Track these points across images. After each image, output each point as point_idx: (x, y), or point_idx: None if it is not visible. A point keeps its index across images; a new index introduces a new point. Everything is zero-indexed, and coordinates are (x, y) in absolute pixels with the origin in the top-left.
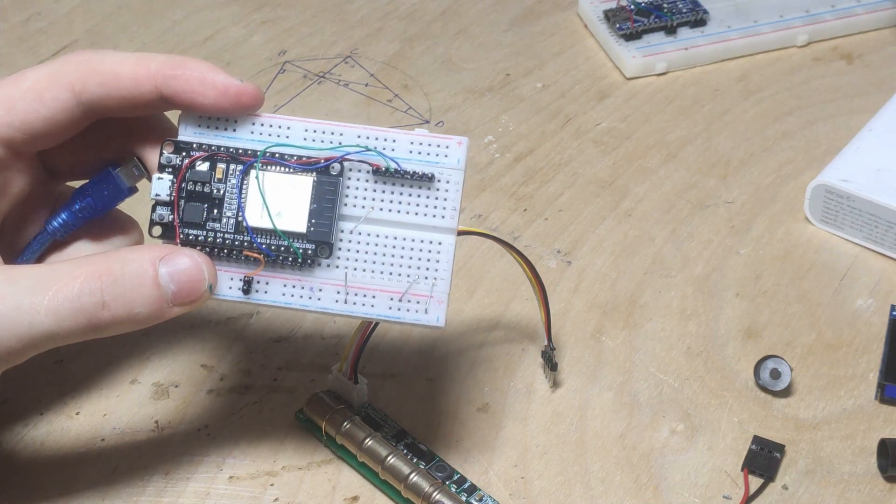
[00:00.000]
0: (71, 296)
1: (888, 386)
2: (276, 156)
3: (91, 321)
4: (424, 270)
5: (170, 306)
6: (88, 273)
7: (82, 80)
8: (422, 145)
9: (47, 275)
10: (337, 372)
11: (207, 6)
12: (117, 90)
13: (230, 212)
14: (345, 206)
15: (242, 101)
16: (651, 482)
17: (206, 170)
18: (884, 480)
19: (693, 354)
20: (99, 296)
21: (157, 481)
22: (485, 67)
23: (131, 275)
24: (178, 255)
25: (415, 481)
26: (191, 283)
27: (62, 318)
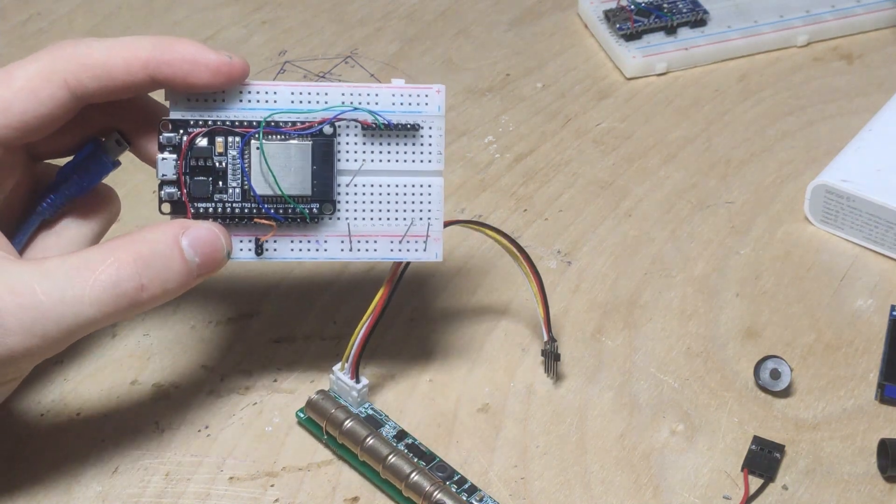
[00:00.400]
0: (111, 283)
1: (888, 386)
2: (271, 124)
3: (132, 304)
4: (419, 213)
5: (195, 276)
6: (123, 260)
7: (76, 76)
8: (403, 96)
9: (81, 265)
10: (338, 371)
11: (207, 6)
12: (111, 80)
13: (235, 182)
14: (340, 163)
15: (234, 76)
16: (651, 482)
17: (206, 145)
18: (884, 480)
19: (693, 354)
20: (137, 280)
21: (157, 482)
22: (485, 67)
23: (161, 255)
24: (196, 227)
25: (415, 481)
26: (212, 251)
27: (105, 305)
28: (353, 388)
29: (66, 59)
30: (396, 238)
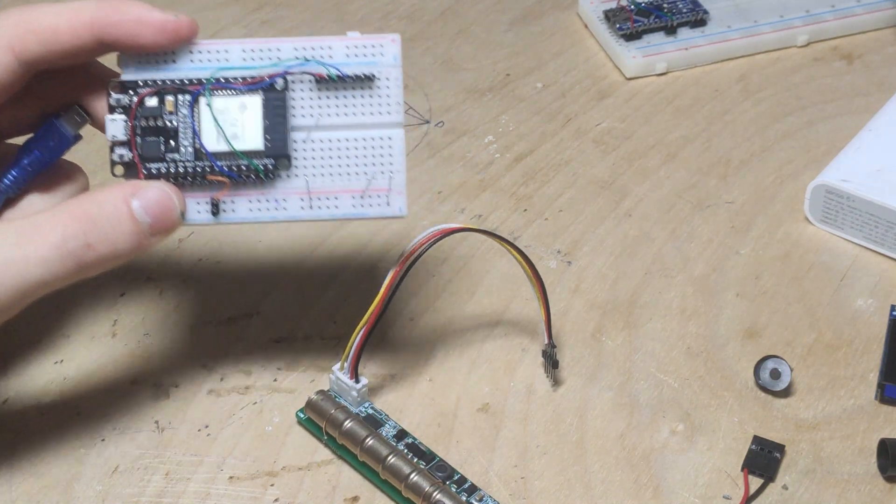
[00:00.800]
0: (56, 242)
1: (888, 386)
2: (221, 80)
3: (79, 263)
4: (380, 166)
5: (147, 237)
6: (68, 219)
7: (21, 40)
8: (357, 48)
9: (27, 227)
10: (338, 371)
11: (207, 6)
12: (58, 44)
13: (186, 141)
14: (294, 118)
15: (181, 34)
16: (651, 482)
17: (155, 104)
18: (884, 480)
19: (693, 354)
20: (83, 238)
21: (157, 481)
22: (485, 67)
23: (108, 214)
24: (146, 188)
25: (415, 481)
26: (164, 211)
27: (51, 264)
28: (353, 388)
29: (11, 25)
30: (358, 193)
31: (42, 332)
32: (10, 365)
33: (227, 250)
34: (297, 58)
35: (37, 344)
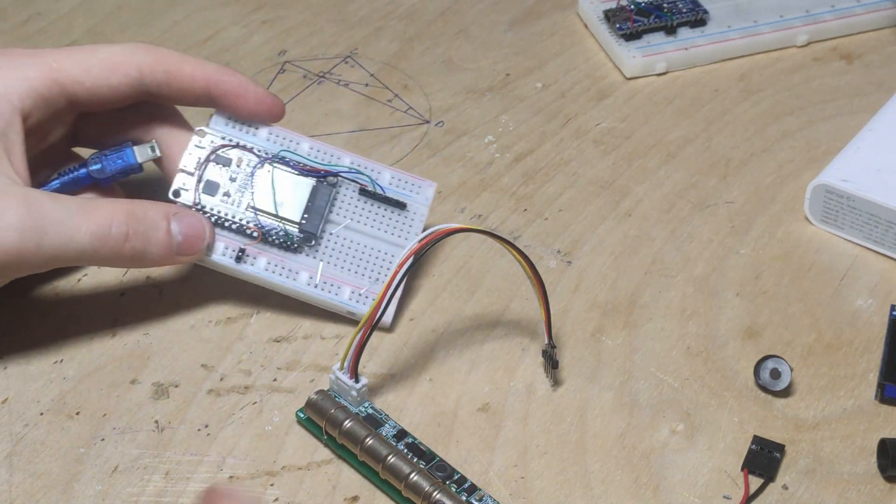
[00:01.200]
0: (105, 224)
1: (888, 386)
2: (287, 160)
3: (114, 250)
4: (384, 275)
5: (174, 254)
6: (119, 210)
7: (151, 66)
8: (401, 181)
9: (87, 204)
10: (338, 371)
11: (207, 6)
12: (177, 82)
13: (240, 193)
14: (332, 212)
15: (273, 112)
16: (651, 482)
17: (229, 157)
18: (884, 480)
19: (693, 354)
20: (125, 228)
21: (157, 481)
22: (485, 67)
23: (151, 221)
24: (187, 214)
25: (415, 481)
26: (194, 237)
27: (95, 240)
28: (353, 388)
29: (145, 52)
30: (358, 290)
31: (42, 332)
32: (10, 365)
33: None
34: (350, 167)
35: (37, 343)
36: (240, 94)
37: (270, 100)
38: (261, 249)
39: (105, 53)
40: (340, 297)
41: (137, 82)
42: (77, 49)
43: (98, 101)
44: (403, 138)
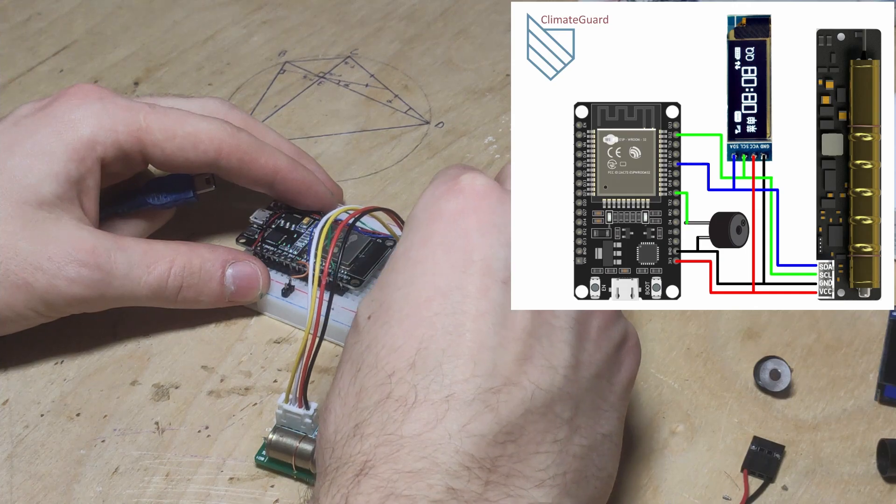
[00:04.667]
0: (164, 276)
1: (888, 386)
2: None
3: (168, 299)
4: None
5: (226, 301)
6: (179, 261)
7: (229, 151)
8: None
9: (150, 251)
10: (285, 405)
11: (207, 6)
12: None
13: (301, 243)
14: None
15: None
16: (651, 483)
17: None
18: (884, 481)
19: (693, 355)
20: (181, 281)
21: (157, 482)
22: (485, 67)
23: (207, 272)
24: (243, 263)
25: None
26: (247, 287)
27: (152, 290)
28: (306, 416)
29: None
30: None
31: (42, 332)
32: (10, 365)
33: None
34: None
35: (37, 344)
36: (301, 191)
37: (326, 200)
38: (305, 287)
39: (191, 127)
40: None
41: (213, 161)
42: (168, 113)
43: (171, 166)
44: (403, 139)
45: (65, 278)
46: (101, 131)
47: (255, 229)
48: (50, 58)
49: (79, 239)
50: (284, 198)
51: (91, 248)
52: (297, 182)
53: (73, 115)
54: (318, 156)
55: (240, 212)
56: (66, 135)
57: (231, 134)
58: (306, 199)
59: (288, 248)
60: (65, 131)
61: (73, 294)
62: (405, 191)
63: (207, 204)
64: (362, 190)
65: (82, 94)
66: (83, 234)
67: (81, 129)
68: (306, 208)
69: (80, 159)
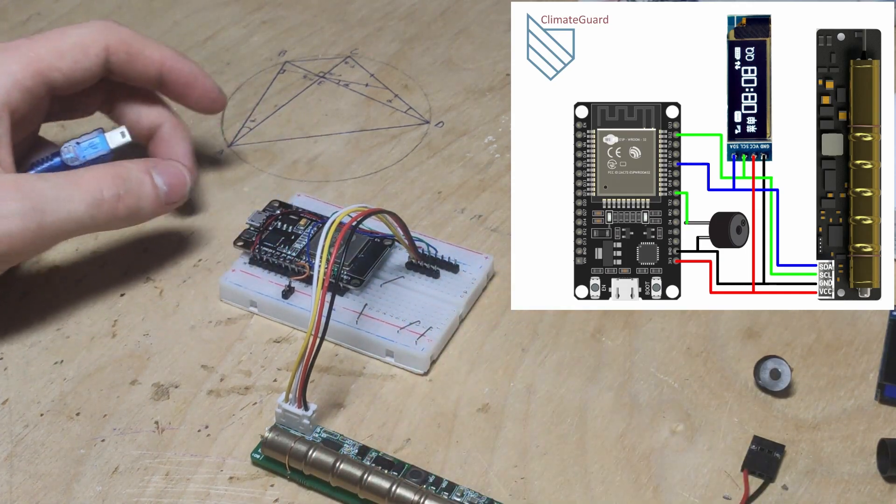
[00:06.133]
0: (97, 189)
1: (888, 386)
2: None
3: (111, 212)
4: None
5: (163, 204)
6: (106, 175)
7: (115, 45)
8: (458, 253)
9: (75, 176)
10: (284, 404)
11: (207, 6)
12: (137, 63)
13: (298, 244)
14: (383, 269)
15: (214, 106)
16: (651, 482)
17: (296, 219)
18: (884, 480)
19: (693, 355)
20: (115, 190)
21: (157, 482)
22: (485, 67)
23: (136, 179)
24: (166, 163)
25: (399, 494)
26: (178, 184)
27: (92, 207)
28: (304, 417)
29: (112, 31)
30: (396, 328)
31: (42, 332)
32: (10, 365)
33: (226, 250)
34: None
35: (37, 344)
36: (189, 82)
37: (216, 94)
38: (307, 289)
39: (75, 36)
40: (381, 332)
41: (104, 62)
42: (48, 35)
43: (73, 83)
44: (403, 139)
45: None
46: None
47: (252, 231)
48: None
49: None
50: (173, 93)
51: (12, 183)
52: (185, 73)
53: None
54: (318, 155)
55: (236, 214)
56: None
57: (114, 30)
58: (195, 91)
59: (286, 250)
60: None
61: (10, 231)
62: (405, 190)
63: (203, 206)
64: (362, 189)
65: None
66: (4, 177)
67: None
68: (195, 105)
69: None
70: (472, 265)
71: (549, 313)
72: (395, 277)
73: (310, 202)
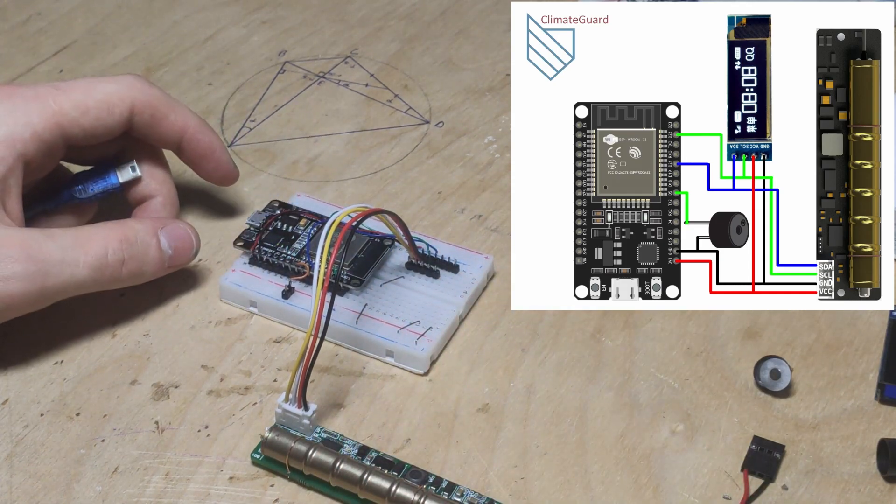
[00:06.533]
0: (101, 254)
1: (888, 386)
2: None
3: (113, 275)
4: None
5: (166, 266)
6: (112, 237)
7: (141, 106)
8: (458, 252)
9: (81, 235)
10: (284, 404)
11: (207, 6)
12: (159, 128)
13: (298, 244)
14: (383, 269)
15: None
16: (651, 482)
17: (296, 219)
18: (884, 480)
19: (693, 355)
20: (120, 255)
21: (157, 482)
22: (485, 67)
23: (142, 241)
24: (173, 225)
25: (399, 494)
26: (183, 248)
27: (94, 270)
28: (304, 417)
29: (139, 90)
30: (396, 328)
31: (42, 332)
32: (10, 365)
33: (226, 250)
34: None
35: (37, 344)
36: (206, 155)
37: (229, 169)
38: (306, 289)
39: (102, 94)
40: (381, 332)
41: (127, 121)
42: (75, 87)
43: (91, 138)
44: (403, 138)
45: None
46: (17, 127)
47: (253, 232)
48: (50, 58)
49: (4, 237)
50: (188, 160)
51: (19, 243)
52: (204, 145)
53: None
54: (318, 155)
55: (236, 214)
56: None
57: (142, 89)
58: (209, 163)
59: (286, 250)
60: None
61: (11, 293)
62: (405, 190)
63: (203, 206)
64: (362, 189)
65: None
66: (8, 232)
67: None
68: (206, 175)
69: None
70: (472, 265)
71: (549, 313)
72: (395, 277)
73: (310, 202)
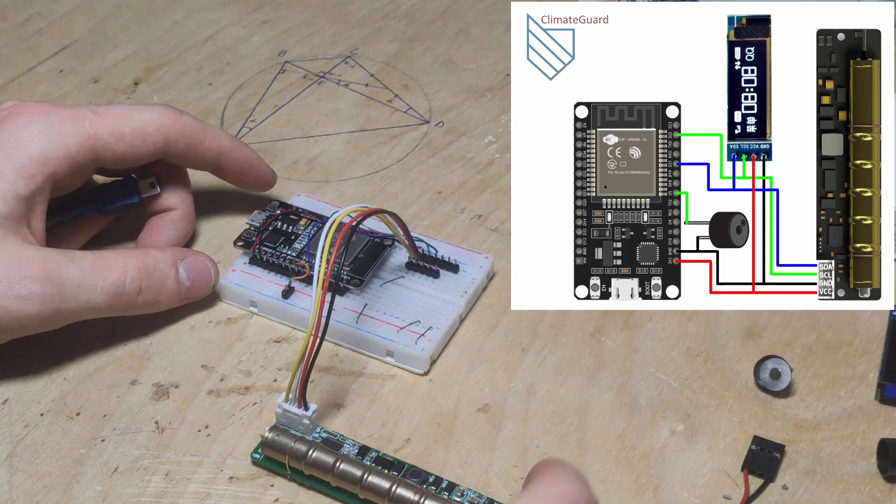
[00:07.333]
0: (119, 281)
1: (888, 386)
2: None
3: (129, 303)
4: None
5: (182, 298)
6: (132, 265)
7: (175, 136)
8: (458, 252)
9: (101, 261)
10: (284, 404)
11: (207, 6)
12: (194, 154)
13: (298, 244)
14: (383, 269)
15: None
16: (651, 482)
17: (296, 219)
18: (884, 480)
19: (693, 354)
20: (138, 284)
21: (156, 482)
22: (485, 67)
23: (161, 271)
24: (193, 258)
25: (399, 494)
26: (201, 281)
27: (111, 297)
28: (304, 417)
29: (172, 120)
30: (396, 328)
31: (42, 332)
32: (10, 365)
33: (226, 250)
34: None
35: (37, 344)
36: (244, 170)
37: (269, 177)
38: (306, 289)
39: (138, 122)
40: (381, 332)
41: (160, 150)
42: (111, 112)
43: (122, 163)
44: (403, 138)
45: (16, 298)
46: (52, 147)
47: (253, 231)
48: (50, 58)
49: (26, 257)
50: (229, 178)
51: (40, 263)
52: (241, 161)
53: (22, 135)
54: (318, 155)
55: (236, 214)
56: (15, 154)
57: (175, 119)
58: (249, 177)
59: (286, 250)
60: (13, 151)
61: (27, 313)
62: (405, 190)
63: (203, 206)
64: (362, 189)
65: (27, 112)
66: (30, 252)
67: (31, 147)
68: (249, 188)
69: (31, 177)
70: (472, 265)
71: (549, 313)
72: (395, 277)
73: (310, 202)
